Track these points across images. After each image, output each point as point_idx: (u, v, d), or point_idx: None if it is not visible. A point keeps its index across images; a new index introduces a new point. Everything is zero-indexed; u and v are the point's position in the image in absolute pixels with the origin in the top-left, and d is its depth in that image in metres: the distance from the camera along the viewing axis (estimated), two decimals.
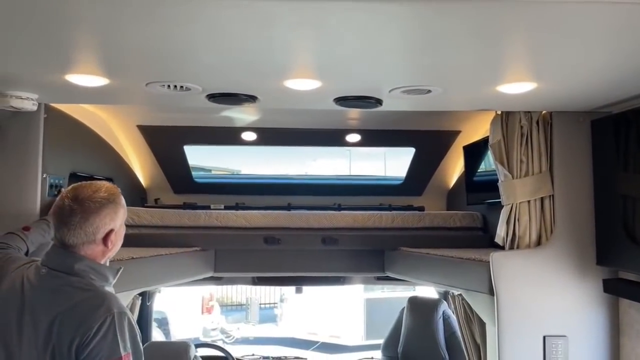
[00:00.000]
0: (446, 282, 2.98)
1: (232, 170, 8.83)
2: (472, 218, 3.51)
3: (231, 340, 11.13)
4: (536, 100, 2.34)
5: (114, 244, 1.82)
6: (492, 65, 1.86)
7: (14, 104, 2.19)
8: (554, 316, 2.47)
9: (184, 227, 3.38)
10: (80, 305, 1.67)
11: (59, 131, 2.63)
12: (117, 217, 1.81)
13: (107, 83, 2.02)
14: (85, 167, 3.02)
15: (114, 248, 1.83)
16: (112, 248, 1.82)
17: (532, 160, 2.58)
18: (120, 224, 1.84)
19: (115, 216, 1.80)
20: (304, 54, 1.76)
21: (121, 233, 1.86)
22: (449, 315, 3.70)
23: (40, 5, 1.35)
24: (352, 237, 3.43)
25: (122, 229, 1.86)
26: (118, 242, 1.85)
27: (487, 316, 2.67)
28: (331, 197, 3.91)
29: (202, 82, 2.08)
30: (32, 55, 1.76)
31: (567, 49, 1.67)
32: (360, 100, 2.28)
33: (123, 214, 1.85)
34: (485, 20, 1.44)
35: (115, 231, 1.80)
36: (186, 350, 2.92)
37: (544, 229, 2.58)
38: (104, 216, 1.76)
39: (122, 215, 1.84)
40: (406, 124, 3.53)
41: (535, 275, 2.50)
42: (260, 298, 13.17)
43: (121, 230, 1.86)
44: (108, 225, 1.77)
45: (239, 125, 3.52)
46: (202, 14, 1.40)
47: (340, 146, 3.81)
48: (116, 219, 1.80)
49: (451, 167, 3.99)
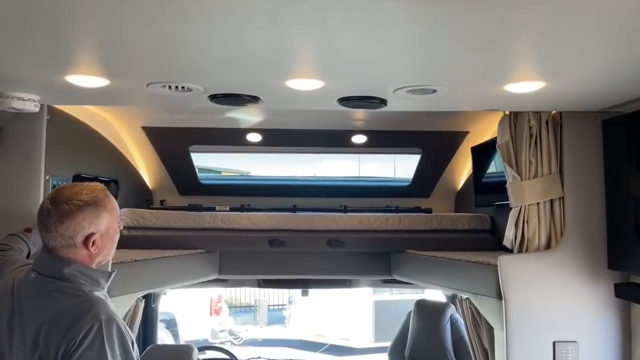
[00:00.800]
0: (453, 285, 2.93)
1: (241, 172, 8.85)
2: (481, 220, 3.46)
3: (239, 342, 11.14)
4: (545, 100, 2.29)
5: (100, 248, 1.75)
6: (498, 63, 1.81)
7: (15, 105, 2.18)
8: (564, 321, 2.42)
9: (189, 229, 3.36)
10: (66, 311, 1.61)
11: (62, 133, 2.62)
12: (99, 220, 1.73)
13: (108, 84, 2.01)
14: (90, 169, 3.01)
15: (102, 252, 1.77)
16: (99, 252, 1.75)
17: (541, 162, 2.52)
18: (107, 228, 1.76)
19: (97, 220, 1.72)
20: (305, 53, 1.73)
21: (110, 237, 1.79)
22: (457, 319, 3.64)
23: (38, 4, 1.33)
24: (358, 239, 3.39)
25: (110, 232, 1.78)
26: (107, 246, 1.78)
27: (495, 321, 2.61)
28: (338, 199, 3.88)
29: (203, 83, 2.05)
30: (32, 56, 1.75)
31: (576, 46, 1.62)
32: (364, 100, 2.24)
33: (108, 217, 1.76)
34: (490, 16, 1.39)
35: (98, 235, 1.72)
36: (189, 353, 2.90)
37: (553, 232, 2.52)
38: (81, 220, 1.69)
39: (106, 219, 1.75)
40: (413, 125, 3.49)
41: (545, 279, 2.44)
42: (269, 300, 13.17)
43: (109, 234, 1.78)
44: (87, 229, 1.70)
45: (243, 126, 3.50)
46: (201, 12, 1.37)
47: (345, 147, 3.77)
48: (97, 223, 1.72)
49: (459, 169, 3.94)
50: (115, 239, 1.84)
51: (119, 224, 1.85)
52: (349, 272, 3.56)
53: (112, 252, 1.84)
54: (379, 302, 10.45)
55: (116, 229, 1.83)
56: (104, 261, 1.84)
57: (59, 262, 1.70)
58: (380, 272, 3.49)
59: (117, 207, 1.85)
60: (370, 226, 3.43)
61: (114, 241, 1.83)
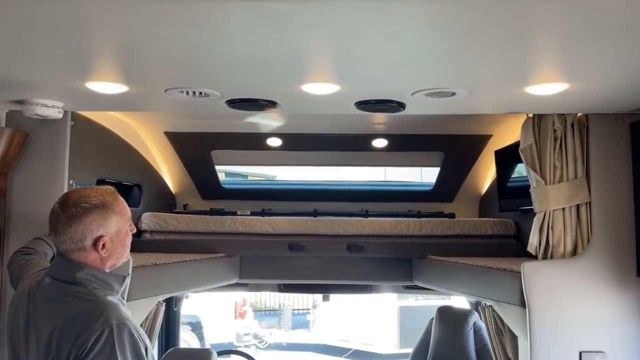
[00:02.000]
0: (475, 292, 2.87)
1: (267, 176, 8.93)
2: (505, 225, 3.38)
3: (264, 346, 11.19)
4: (570, 102, 2.22)
5: (111, 251, 1.75)
6: (519, 65, 1.76)
7: (39, 111, 2.23)
8: (590, 330, 2.33)
9: (210, 233, 3.39)
10: (78, 316, 1.62)
11: (86, 138, 2.67)
12: (108, 223, 1.73)
13: (127, 90, 2.04)
14: (113, 174, 3.06)
15: (113, 255, 1.77)
16: (110, 255, 1.75)
17: (566, 166, 2.45)
18: (117, 230, 1.76)
19: (105, 222, 1.72)
20: (318, 57, 1.72)
21: (121, 239, 1.78)
22: (480, 327, 3.56)
23: (60, 16, 1.36)
24: (379, 244, 3.35)
25: (120, 235, 1.78)
26: (118, 248, 1.78)
27: (519, 329, 2.54)
28: (360, 204, 3.84)
29: (220, 88, 2.06)
30: (54, 63, 1.79)
31: (600, 46, 1.56)
32: (382, 104, 2.21)
33: (118, 219, 1.76)
34: (510, 15, 1.35)
35: (108, 237, 1.73)
36: (208, 357, 2.92)
37: (580, 238, 2.44)
38: (88, 223, 1.70)
39: (115, 221, 1.75)
40: (435, 128, 3.44)
41: (571, 286, 2.36)
42: (293, 304, 13.19)
43: (120, 237, 1.78)
44: (95, 231, 1.70)
45: (264, 131, 3.51)
46: (215, 18, 1.38)
47: (366, 151, 3.74)
48: (106, 225, 1.72)
49: (483, 173, 3.86)
50: (127, 241, 1.83)
51: (131, 226, 1.85)
52: (369, 278, 3.52)
53: (124, 254, 1.83)
54: (404, 308, 10.35)
55: (127, 231, 1.82)
56: (118, 264, 1.83)
57: (72, 267, 1.71)
58: (401, 278, 3.45)
59: (127, 209, 1.84)
60: (391, 231, 3.39)
61: (124, 244, 1.82)
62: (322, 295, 4.26)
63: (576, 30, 1.45)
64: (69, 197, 1.77)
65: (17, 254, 2.05)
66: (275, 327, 12.20)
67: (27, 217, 2.39)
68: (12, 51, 1.65)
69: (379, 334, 10.42)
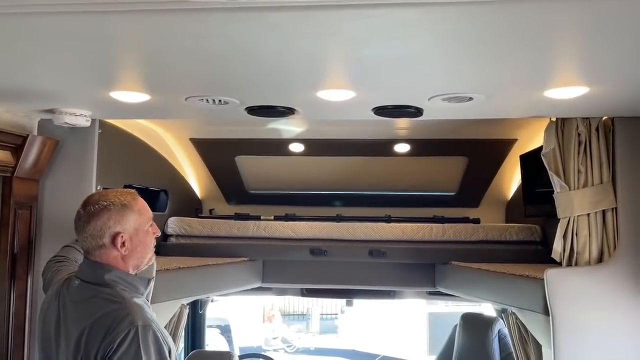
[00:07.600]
0: (498, 299, 2.81)
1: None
2: (531, 232, 3.31)
3: (292, 350, 11.22)
4: (593, 106, 2.17)
5: (131, 250, 1.78)
6: (536, 69, 1.73)
7: (68, 120, 2.33)
8: (617, 340, 2.26)
9: (234, 238, 3.44)
10: (105, 317, 1.66)
11: (114, 146, 2.77)
12: (126, 220, 1.77)
13: (149, 99, 2.10)
14: (140, 180, 3.15)
15: (134, 254, 1.79)
16: (130, 254, 1.78)
17: (591, 171, 2.39)
18: (136, 229, 1.79)
19: (123, 219, 1.76)
20: (334, 64, 1.73)
21: (141, 239, 1.81)
22: (505, 335, 3.48)
23: (86, 30, 1.43)
24: (401, 250, 3.34)
25: (140, 234, 1.81)
26: (139, 248, 1.80)
27: (543, 338, 2.48)
28: (383, 209, 3.83)
29: (239, 96, 2.11)
30: (81, 74, 1.87)
31: (621, 48, 1.52)
32: (400, 110, 2.21)
33: (136, 218, 1.79)
34: (526, 19, 1.33)
35: (127, 235, 1.76)
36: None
37: (606, 245, 2.37)
38: (106, 219, 1.75)
39: (134, 219, 1.79)
40: (458, 133, 3.40)
41: (596, 294, 2.29)
42: (322, 309, 13.19)
43: (139, 236, 1.80)
44: (113, 228, 1.75)
45: (286, 137, 3.55)
46: (231, 31, 1.41)
47: (388, 157, 3.73)
48: (124, 223, 1.76)
49: (509, 178, 3.79)
50: (148, 242, 1.86)
51: (153, 227, 1.88)
52: (391, 284, 3.50)
53: (146, 255, 1.85)
54: (434, 314, 10.23)
55: (148, 231, 1.85)
56: (142, 266, 1.87)
57: (100, 269, 1.76)
58: (424, 284, 3.41)
59: (148, 210, 1.87)
60: (414, 237, 3.37)
61: (146, 244, 1.84)
62: (345, 300, 4.26)
63: (597, 34, 1.42)
64: (90, 197, 1.84)
65: (50, 263, 2.13)
66: (304, 332, 12.22)
67: (57, 221, 2.49)
68: (43, 64, 1.74)
69: (409, 340, 10.31)
